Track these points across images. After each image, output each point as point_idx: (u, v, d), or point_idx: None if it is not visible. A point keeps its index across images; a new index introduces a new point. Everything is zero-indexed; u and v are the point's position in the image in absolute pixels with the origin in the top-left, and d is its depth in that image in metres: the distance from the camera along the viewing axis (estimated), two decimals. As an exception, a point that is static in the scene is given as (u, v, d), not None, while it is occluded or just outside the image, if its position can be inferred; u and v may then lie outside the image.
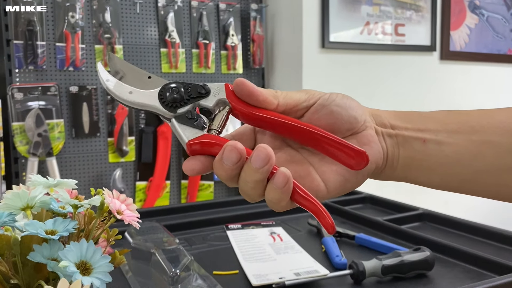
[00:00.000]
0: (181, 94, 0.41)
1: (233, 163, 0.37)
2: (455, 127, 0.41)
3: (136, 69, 0.44)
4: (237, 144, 0.37)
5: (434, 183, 0.43)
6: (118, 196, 0.44)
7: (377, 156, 0.41)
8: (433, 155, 0.41)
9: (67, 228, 0.38)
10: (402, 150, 0.42)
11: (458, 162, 0.41)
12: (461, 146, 0.40)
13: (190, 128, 0.40)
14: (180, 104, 0.41)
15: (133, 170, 1.73)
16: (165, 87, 0.42)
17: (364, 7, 1.93)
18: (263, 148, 0.37)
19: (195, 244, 0.85)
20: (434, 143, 0.41)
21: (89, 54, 1.64)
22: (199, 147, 0.39)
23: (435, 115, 0.43)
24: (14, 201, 0.40)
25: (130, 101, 0.41)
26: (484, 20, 2.31)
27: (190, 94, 0.41)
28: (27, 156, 1.52)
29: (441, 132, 0.41)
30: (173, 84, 0.42)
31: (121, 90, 0.42)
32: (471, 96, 2.25)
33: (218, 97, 0.41)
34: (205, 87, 0.42)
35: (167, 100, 0.41)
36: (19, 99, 1.51)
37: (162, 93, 0.41)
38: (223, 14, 1.86)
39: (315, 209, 0.38)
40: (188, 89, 0.41)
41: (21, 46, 1.53)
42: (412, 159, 0.42)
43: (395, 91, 2.03)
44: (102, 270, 0.36)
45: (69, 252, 0.35)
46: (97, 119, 1.64)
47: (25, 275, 0.36)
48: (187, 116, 0.41)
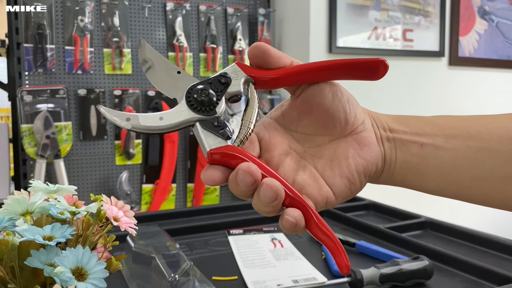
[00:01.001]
0: (210, 93, 0.39)
1: (248, 186, 0.36)
2: (453, 132, 0.41)
3: (166, 62, 0.41)
4: (250, 167, 0.36)
5: (430, 188, 0.42)
6: (116, 203, 0.45)
7: (377, 158, 0.41)
8: (430, 160, 0.41)
9: (64, 234, 0.38)
10: (400, 153, 0.42)
11: (455, 168, 0.40)
12: (458, 151, 0.40)
13: (214, 135, 0.38)
14: (215, 104, 0.39)
15: (140, 172, 1.74)
16: (189, 95, 0.39)
17: (372, 12, 1.94)
18: (272, 183, 0.36)
19: (196, 249, 0.86)
20: (431, 147, 0.41)
21: (98, 58, 1.66)
22: (220, 157, 0.37)
23: (434, 120, 0.43)
24: (14, 206, 0.41)
25: (165, 127, 0.38)
26: (493, 26, 2.30)
27: (216, 89, 0.39)
28: (35, 158, 1.54)
29: (438, 137, 0.41)
30: (196, 87, 0.39)
31: (150, 121, 0.38)
32: (480, 102, 2.24)
33: (240, 78, 0.40)
34: (225, 75, 0.39)
35: (200, 106, 0.38)
36: (28, 102, 1.53)
37: (191, 100, 0.39)
38: (231, 18, 1.87)
39: (332, 246, 0.36)
40: (212, 85, 0.39)
41: (30, 49, 1.55)
42: (409, 163, 0.41)
43: (403, 97, 2.03)
44: (97, 276, 0.37)
45: (65, 258, 0.36)
46: (104, 122, 1.66)
47: (23, 279, 0.37)
48: (214, 123, 0.38)
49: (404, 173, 0.42)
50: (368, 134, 0.42)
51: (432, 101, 2.11)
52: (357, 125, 0.42)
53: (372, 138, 0.41)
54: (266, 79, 0.40)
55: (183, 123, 0.38)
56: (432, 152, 0.40)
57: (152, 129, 0.38)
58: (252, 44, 0.40)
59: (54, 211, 0.42)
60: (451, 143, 0.40)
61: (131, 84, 1.72)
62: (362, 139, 0.41)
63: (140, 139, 1.72)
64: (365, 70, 0.41)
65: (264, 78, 0.40)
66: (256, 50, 0.40)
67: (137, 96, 1.70)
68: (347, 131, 0.42)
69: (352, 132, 0.42)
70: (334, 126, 0.41)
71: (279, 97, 1.95)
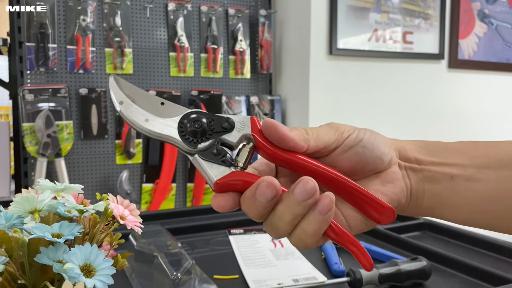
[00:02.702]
0: (204, 127, 0.37)
1: (268, 200, 0.35)
2: (484, 161, 0.39)
3: (147, 94, 0.39)
4: (273, 180, 0.35)
5: (461, 219, 0.40)
6: (122, 202, 0.46)
7: (400, 194, 0.40)
8: (461, 192, 0.39)
9: (72, 232, 0.39)
10: (428, 186, 0.40)
11: (488, 199, 0.38)
12: (491, 182, 0.38)
13: (216, 164, 0.37)
14: (202, 139, 0.37)
15: (140, 172, 1.75)
16: (185, 117, 0.38)
17: (372, 15, 1.95)
18: (309, 179, 0.35)
19: (197, 248, 0.87)
20: (462, 179, 0.39)
21: (99, 57, 1.67)
22: (229, 185, 0.36)
23: (462, 147, 0.41)
24: (23, 204, 0.42)
25: (146, 129, 0.37)
26: (493, 29, 2.31)
27: (213, 128, 0.37)
28: (36, 156, 1.55)
29: (469, 167, 0.39)
30: (194, 115, 0.38)
31: (136, 116, 0.38)
32: (479, 105, 2.25)
33: (243, 133, 0.38)
34: (229, 121, 0.38)
35: (187, 133, 0.37)
36: (29, 100, 1.54)
37: (183, 124, 0.37)
38: (232, 19, 1.88)
39: (354, 248, 0.36)
40: (211, 122, 0.37)
41: (32, 48, 1.56)
42: (438, 196, 0.40)
43: (402, 99, 2.04)
44: (104, 273, 0.38)
45: (74, 255, 0.37)
46: (105, 121, 1.67)
47: (32, 276, 0.38)
48: (212, 152, 0.37)
49: (433, 205, 0.40)
50: (393, 169, 0.40)
51: (432, 104, 2.12)
52: (382, 167, 0.40)
53: (396, 174, 0.40)
54: (269, 151, 0.38)
55: (164, 137, 0.37)
56: (463, 184, 0.39)
57: (134, 125, 0.38)
58: (267, 122, 0.37)
59: (61, 209, 0.43)
60: (482, 173, 0.38)
61: (132, 83, 1.72)
62: (386, 176, 0.40)
63: (140, 139, 1.72)
64: (372, 208, 0.38)
65: (269, 151, 0.38)
66: (271, 133, 0.37)
67: (138, 96, 1.71)
68: (372, 172, 0.40)
69: (377, 172, 0.40)
70: (358, 173, 0.40)
71: (279, 97, 1.96)
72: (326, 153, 0.40)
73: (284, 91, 1.99)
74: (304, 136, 0.38)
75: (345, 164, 0.39)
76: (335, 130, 0.40)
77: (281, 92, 2.00)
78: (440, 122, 2.12)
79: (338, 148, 0.39)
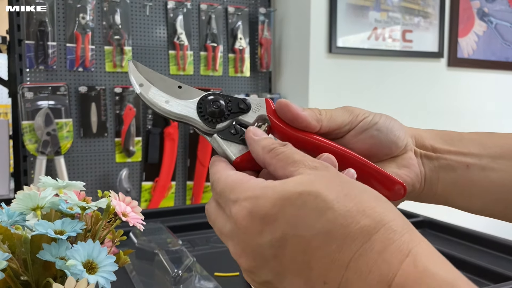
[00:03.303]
0: (222, 108, 0.38)
1: None
2: (498, 151, 0.40)
3: (164, 78, 0.40)
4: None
5: (475, 208, 0.41)
6: (124, 199, 0.46)
7: (415, 179, 0.40)
8: (476, 181, 0.39)
9: (74, 228, 0.39)
10: (443, 174, 0.40)
11: (502, 188, 0.39)
12: (505, 171, 0.39)
13: (235, 144, 0.37)
14: (220, 119, 0.38)
15: (139, 170, 1.75)
16: (204, 98, 0.39)
17: (372, 13, 1.95)
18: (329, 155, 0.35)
19: (198, 246, 0.87)
20: (478, 168, 0.39)
21: (99, 55, 1.66)
22: (247, 164, 0.37)
23: (476, 137, 0.42)
24: (25, 201, 0.42)
25: (167, 110, 0.38)
26: (492, 27, 2.31)
27: (230, 108, 0.39)
28: (36, 154, 1.55)
29: (484, 157, 0.40)
30: (212, 96, 0.39)
31: (156, 98, 0.39)
32: (478, 104, 2.26)
33: (259, 113, 0.39)
34: (246, 102, 0.39)
35: (207, 114, 0.38)
36: (29, 98, 1.54)
37: (201, 105, 0.38)
38: (231, 17, 1.88)
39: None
40: (229, 103, 0.39)
41: (32, 46, 1.55)
42: (454, 185, 0.40)
43: (401, 97, 2.04)
44: (107, 269, 0.38)
45: (77, 251, 0.37)
46: (105, 119, 1.67)
47: (35, 272, 0.38)
48: (231, 132, 0.38)
49: (448, 194, 0.41)
50: (408, 155, 0.40)
51: (431, 102, 2.12)
52: (397, 152, 0.40)
53: (412, 160, 0.40)
54: (284, 130, 0.39)
55: (183, 118, 0.38)
56: (478, 173, 0.39)
57: (155, 106, 0.39)
58: (280, 102, 0.38)
59: (63, 206, 0.43)
60: (497, 163, 0.39)
61: (132, 82, 1.72)
62: (402, 161, 0.40)
63: (140, 137, 1.72)
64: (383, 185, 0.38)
65: (283, 131, 0.39)
66: (285, 112, 0.38)
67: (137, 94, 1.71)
68: (387, 157, 0.41)
69: (392, 156, 0.41)
70: (374, 157, 0.40)
71: (278, 96, 1.96)
72: (340, 135, 0.40)
73: (283, 89, 1.99)
74: (317, 116, 0.39)
75: (360, 147, 0.39)
76: (349, 112, 0.40)
77: (281, 90, 2.00)
78: (439, 120, 2.13)
79: (352, 130, 0.40)
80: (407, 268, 0.25)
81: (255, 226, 0.29)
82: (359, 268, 0.26)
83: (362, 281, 0.26)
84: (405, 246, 0.26)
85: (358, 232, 0.27)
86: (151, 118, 1.74)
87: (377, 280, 0.26)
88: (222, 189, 0.33)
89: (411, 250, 0.26)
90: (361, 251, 0.26)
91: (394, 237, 0.27)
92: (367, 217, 0.27)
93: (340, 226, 0.27)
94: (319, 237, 0.27)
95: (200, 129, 0.38)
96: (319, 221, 0.27)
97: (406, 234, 0.27)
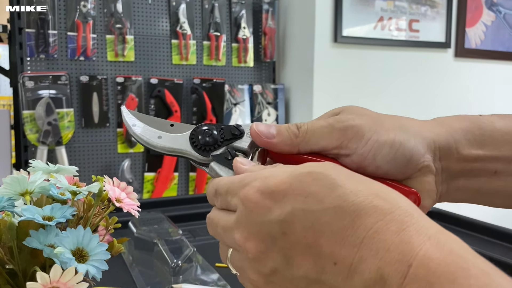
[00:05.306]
0: (214, 136, 0.38)
1: None
2: None
3: (156, 119, 0.41)
4: None
5: (495, 205, 0.38)
6: (119, 184, 0.44)
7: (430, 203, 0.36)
8: (500, 186, 0.36)
9: (64, 214, 0.37)
10: (464, 182, 0.36)
11: None
12: None
13: (232, 170, 0.37)
14: (214, 147, 0.38)
15: (142, 161, 1.73)
16: (196, 130, 0.39)
17: (378, 2, 1.91)
18: None
19: (199, 236, 0.85)
20: (506, 174, 0.36)
21: (100, 44, 1.64)
22: None
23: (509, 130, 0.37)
24: (13, 186, 0.40)
25: (160, 146, 0.39)
26: (501, 17, 2.27)
27: (223, 136, 0.38)
28: (37, 144, 1.53)
29: None
30: (204, 127, 0.39)
31: (149, 135, 0.40)
32: (485, 95, 2.22)
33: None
34: (239, 128, 0.38)
35: (200, 144, 0.38)
36: (30, 88, 1.52)
37: (194, 136, 0.39)
38: (235, 6, 1.85)
39: None
40: (221, 131, 0.39)
41: (33, 34, 1.53)
42: (476, 192, 0.37)
43: (408, 88, 2.01)
44: (98, 258, 0.36)
45: (65, 238, 0.35)
46: (106, 109, 1.65)
47: (21, 260, 0.36)
48: (227, 158, 0.37)
49: (465, 199, 0.37)
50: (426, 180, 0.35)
51: (438, 93, 2.09)
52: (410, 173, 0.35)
53: (429, 184, 0.35)
54: (275, 155, 0.38)
55: (177, 151, 0.39)
56: (505, 179, 0.36)
57: (148, 143, 0.40)
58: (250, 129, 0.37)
59: (54, 191, 0.41)
60: None
61: (134, 71, 1.70)
62: (416, 183, 0.35)
63: (142, 127, 1.70)
64: None
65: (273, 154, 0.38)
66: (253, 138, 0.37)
67: (140, 84, 1.69)
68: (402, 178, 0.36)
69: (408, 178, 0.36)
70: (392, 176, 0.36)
71: (282, 86, 1.93)
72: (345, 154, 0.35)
73: (287, 79, 1.96)
74: (290, 141, 0.36)
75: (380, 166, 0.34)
76: (340, 133, 0.35)
77: (285, 80, 1.97)
78: (446, 111, 2.09)
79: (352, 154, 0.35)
80: (431, 249, 0.23)
81: (264, 202, 0.28)
82: (375, 246, 0.24)
83: (379, 259, 0.24)
84: (424, 230, 0.24)
85: (372, 209, 0.25)
86: (153, 108, 1.72)
87: (396, 259, 0.23)
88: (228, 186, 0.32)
89: (432, 235, 0.24)
90: (376, 228, 0.24)
91: (411, 220, 0.24)
92: (380, 199, 0.26)
93: (351, 203, 0.25)
94: (329, 212, 0.26)
95: (195, 160, 0.39)
96: (330, 196, 0.26)
97: (422, 221, 0.25)
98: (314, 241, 0.26)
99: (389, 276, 0.23)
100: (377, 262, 0.24)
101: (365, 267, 0.24)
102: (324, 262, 0.26)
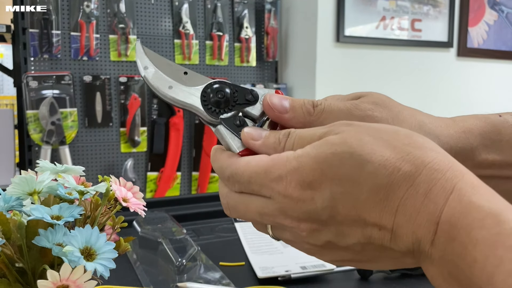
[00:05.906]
0: (227, 97, 0.36)
1: None
2: None
3: (170, 63, 0.39)
4: None
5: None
6: (125, 184, 0.44)
7: None
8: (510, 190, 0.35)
9: (72, 213, 0.38)
10: None
11: None
12: None
13: (238, 137, 0.36)
14: (224, 110, 0.36)
15: (145, 160, 1.74)
16: (209, 86, 0.37)
17: (380, 2, 1.91)
18: None
19: (203, 235, 0.86)
20: None
21: (103, 44, 1.65)
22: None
23: None
24: (21, 186, 0.40)
25: (169, 96, 0.37)
26: (503, 16, 2.27)
27: (236, 99, 0.37)
28: (41, 144, 1.54)
29: None
30: (217, 85, 0.37)
31: (160, 82, 0.37)
32: (488, 94, 2.22)
33: None
34: (253, 93, 0.37)
35: (210, 103, 0.36)
36: (33, 88, 1.53)
37: (206, 94, 0.37)
38: (237, 6, 1.85)
39: None
40: (235, 93, 0.37)
41: (36, 34, 1.54)
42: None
43: (410, 87, 2.01)
44: (106, 257, 0.36)
45: (74, 237, 0.36)
46: (110, 109, 1.65)
47: (31, 259, 0.37)
48: (235, 123, 0.36)
49: None
50: None
51: (440, 92, 2.09)
52: None
53: None
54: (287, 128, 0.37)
55: (186, 105, 0.37)
56: None
57: (158, 91, 0.37)
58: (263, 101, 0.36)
59: (62, 191, 0.41)
60: None
61: (137, 71, 1.70)
62: None
63: (145, 127, 1.71)
64: None
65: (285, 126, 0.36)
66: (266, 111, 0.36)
67: (142, 83, 1.69)
68: None
69: None
70: None
71: (285, 86, 1.93)
72: None
73: (290, 79, 1.96)
74: (303, 118, 0.35)
75: None
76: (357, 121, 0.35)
77: (287, 80, 1.97)
78: (448, 111, 2.09)
79: None
80: (453, 204, 0.26)
81: (306, 194, 0.30)
82: (407, 211, 0.27)
83: (412, 223, 0.27)
84: (449, 183, 0.27)
85: (401, 178, 0.27)
86: (156, 108, 1.73)
87: (426, 219, 0.26)
88: (250, 176, 0.32)
89: (455, 186, 0.26)
90: (407, 195, 0.27)
91: (437, 176, 0.27)
92: (406, 163, 0.27)
93: (383, 176, 0.27)
94: (365, 191, 0.28)
95: (203, 118, 0.37)
96: (361, 176, 0.28)
97: (448, 171, 0.27)
98: (358, 216, 0.28)
99: (423, 236, 0.27)
100: (411, 226, 0.27)
101: (402, 232, 0.27)
102: (370, 230, 0.29)
